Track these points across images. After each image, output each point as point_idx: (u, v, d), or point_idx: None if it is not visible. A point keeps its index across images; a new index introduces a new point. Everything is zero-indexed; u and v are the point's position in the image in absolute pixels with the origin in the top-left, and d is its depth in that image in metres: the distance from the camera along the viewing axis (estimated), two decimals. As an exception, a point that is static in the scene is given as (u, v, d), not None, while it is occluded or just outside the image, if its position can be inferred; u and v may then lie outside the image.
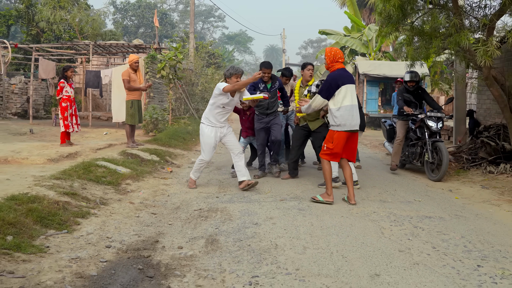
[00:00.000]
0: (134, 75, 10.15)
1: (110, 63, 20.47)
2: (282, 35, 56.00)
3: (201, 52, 26.39)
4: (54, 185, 5.99)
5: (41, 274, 3.68)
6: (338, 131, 6.22)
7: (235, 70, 7.28)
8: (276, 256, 4.23)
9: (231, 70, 7.27)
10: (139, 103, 10.31)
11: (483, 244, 4.70)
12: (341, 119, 6.18)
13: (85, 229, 4.90)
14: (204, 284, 3.62)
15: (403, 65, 10.38)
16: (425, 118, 8.56)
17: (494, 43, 6.71)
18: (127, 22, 51.29)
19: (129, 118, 10.21)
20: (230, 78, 7.20)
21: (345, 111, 6.18)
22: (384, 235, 4.91)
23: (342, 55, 6.50)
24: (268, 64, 8.08)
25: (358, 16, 23.86)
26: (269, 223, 5.33)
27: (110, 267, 3.95)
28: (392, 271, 3.90)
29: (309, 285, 3.60)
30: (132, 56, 10.26)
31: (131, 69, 10.12)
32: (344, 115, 6.18)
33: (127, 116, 10.24)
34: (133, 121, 10.19)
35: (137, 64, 10.22)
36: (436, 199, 6.78)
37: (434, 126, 8.46)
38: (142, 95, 11.10)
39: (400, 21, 8.39)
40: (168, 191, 7.09)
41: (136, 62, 10.18)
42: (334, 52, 6.39)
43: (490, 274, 3.88)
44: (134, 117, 10.17)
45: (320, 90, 6.37)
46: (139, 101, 10.35)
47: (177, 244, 4.60)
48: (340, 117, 6.18)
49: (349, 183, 6.38)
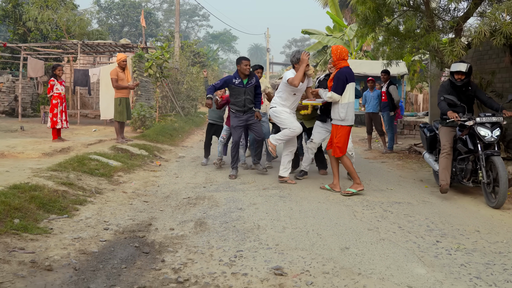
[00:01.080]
0: (122, 73, 10.53)
1: (97, 62, 20.79)
2: (266, 34, 56.49)
3: (186, 51, 26.79)
4: (51, 176, 6.42)
5: (48, 250, 4.13)
6: (342, 125, 6.74)
7: (299, 52, 7.15)
8: (258, 235, 4.74)
9: (297, 55, 7.11)
10: (127, 100, 10.70)
11: (444, 224, 5.25)
12: (346, 114, 6.71)
13: (83, 214, 5.35)
14: (194, 258, 4.10)
15: (383, 64, 10.81)
16: (475, 126, 6.45)
17: (460, 44, 7.27)
18: (112, 21, 51.37)
19: (117, 115, 10.61)
20: (298, 63, 7.10)
21: (349, 107, 6.73)
22: (356, 217, 5.44)
23: (347, 52, 6.97)
24: (245, 57, 7.92)
25: (340, 16, 24.45)
26: (252, 208, 5.84)
27: (109, 245, 4.42)
28: (360, 245, 4.43)
29: (286, 256, 4.11)
30: (120, 55, 10.64)
31: (119, 68, 10.50)
32: (349, 111, 6.73)
33: (115, 113, 10.63)
34: (122, 118, 10.58)
35: (125, 63, 10.60)
36: (407, 187, 7.34)
37: (487, 136, 6.35)
38: (130, 93, 11.49)
39: (376, 22, 8.92)
40: (158, 182, 7.54)
41: (124, 61, 10.56)
42: (340, 50, 6.81)
43: (447, 248, 4.42)
44: (122, 114, 10.56)
45: (335, 88, 6.69)
46: (127, 98, 10.74)
47: (168, 226, 5.07)
48: (346, 113, 6.70)
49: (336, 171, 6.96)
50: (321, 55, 24.39)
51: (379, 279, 3.63)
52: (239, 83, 7.75)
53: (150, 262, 4.00)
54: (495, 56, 9.95)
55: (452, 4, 8.25)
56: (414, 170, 8.96)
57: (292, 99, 7.35)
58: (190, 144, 13.30)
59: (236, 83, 7.76)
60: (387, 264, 3.96)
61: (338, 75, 6.69)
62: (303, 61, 7.05)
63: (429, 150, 7.61)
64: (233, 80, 7.77)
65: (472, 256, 4.19)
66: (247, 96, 7.82)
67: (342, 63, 6.77)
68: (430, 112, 12.85)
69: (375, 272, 3.77)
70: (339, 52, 6.77)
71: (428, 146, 7.59)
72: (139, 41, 33.82)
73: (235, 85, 7.76)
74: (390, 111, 11.43)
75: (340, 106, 6.70)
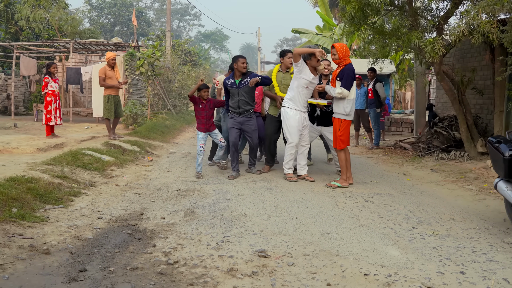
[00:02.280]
0: (110, 72, 10.74)
1: (88, 61, 20.95)
2: (258, 33, 56.71)
3: (177, 50, 26.97)
4: (46, 169, 6.65)
5: (45, 236, 4.38)
6: (345, 119, 6.99)
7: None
8: (244, 222, 5.01)
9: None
10: (116, 98, 10.86)
11: (422, 213, 5.54)
12: (350, 109, 6.99)
13: (78, 204, 5.60)
14: (184, 243, 4.36)
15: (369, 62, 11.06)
16: None
17: (440, 42, 7.56)
18: (103, 20, 51.40)
19: (105, 112, 10.84)
20: (310, 59, 7.17)
21: (352, 102, 7.03)
22: (339, 207, 5.73)
23: (349, 49, 7.24)
24: (241, 55, 7.77)
25: (329, 16, 24.75)
26: (240, 198, 6.11)
27: (103, 232, 4.67)
28: (340, 231, 4.72)
29: (270, 241, 4.39)
30: (109, 54, 10.87)
31: (108, 66, 10.73)
32: (352, 106, 7.03)
33: (104, 111, 10.88)
34: (110, 115, 10.78)
35: (113, 61, 10.80)
36: (390, 180, 7.63)
37: None
38: (120, 91, 11.69)
39: (361, 21, 9.20)
40: (150, 176, 7.78)
41: (113, 59, 10.76)
42: (345, 47, 7.01)
43: (421, 233, 4.71)
44: (110, 111, 10.76)
45: (345, 84, 6.83)
46: (116, 96, 10.89)
47: (160, 215, 5.33)
48: (350, 108, 6.98)
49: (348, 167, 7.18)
50: (311, 54, 24.66)
51: (355, 260, 3.91)
52: (231, 84, 7.59)
53: (142, 246, 4.26)
54: (476, 54, 10.29)
55: (433, 5, 8.58)
56: (398, 164, 9.27)
57: (305, 93, 7.28)
58: (181, 141, 13.54)
59: (229, 84, 7.61)
60: (364, 247, 4.24)
61: (346, 72, 6.85)
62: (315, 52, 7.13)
63: (507, 175, 4.88)
64: (227, 82, 7.64)
65: (445, 241, 4.48)
66: (241, 97, 7.54)
67: (346, 59, 6.97)
68: (416, 109, 13.17)
69: (352, 254, 4.05)
70: (344, 49, 6.94)
71: (507, 171, 4.84)
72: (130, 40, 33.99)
73: (228, 86, 7.63)
74: (376, 108, 11.72)
75: (346, 101, 6.94)
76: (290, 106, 7.31)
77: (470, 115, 9.25)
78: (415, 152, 10.23)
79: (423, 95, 13.25)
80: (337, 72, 6.97)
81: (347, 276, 3.59)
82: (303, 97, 7.29)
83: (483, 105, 10.17)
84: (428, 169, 8.55)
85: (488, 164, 7.93)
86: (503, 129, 8.88)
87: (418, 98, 13.13)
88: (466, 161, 8.75)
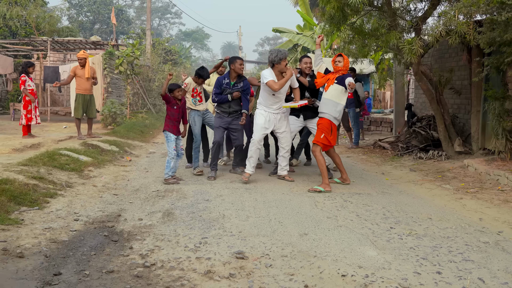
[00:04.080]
0: (80, 70, 10.67)
1: (67, 59, 20.71)
2: (239, 32, 56.65)
3: (158, 49, 26.79)
4: (22, 170, 6.53)
5: (19, 239, 4.30)
6: (334, 123, 7.03)
7: (282, 54, 6.96)
8: (223, 223, 4.98)
9: (279, 55, 6.98)
10: (85, 97, 10.74)
11: (400, 212, 5.58)
12: (339, 114, 7.06)
13: (54, 206, 5.51)
14: (161, 245, 4.32)
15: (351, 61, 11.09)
16: None
17: (418, 43, 7.62)
18: (82, 18, 50.79)
19: (74, 111, 10.89)
20: (280, 63, 7.01)
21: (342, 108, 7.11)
22: (317, 207, 5.74)
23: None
24: (239, 57, 7.72)
25: (310, 15, 24.78)
26: (218, 199, 6.08)
27: (79, 234, 4.60)
28: (318, 231, 4.72)
29: (248, 242, 4.37)
30: (80, 53, 10.81)
31: (79, 65, 10.67)
32: (341, 112, 7.12)
33: (73, 109, 10.92)
34: (77, 113, 10.74)
35: (83, 60, 10.72)
36: (369, 180, 7.67)
37: None
38: (97, 90, 11.60)
39: (341, 21, 9.23)
40: (128, 177, 7.71)
41: (81, 58, 10.70)
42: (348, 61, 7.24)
43: (399, 233, 4.74)
44: (77, 110, 10.70)
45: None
46: (86, 95, 10.76)
47: (137, 217, 5.27)
48: (339, 113, 7.05)
49: (341, 167, 7.30)
50: (292, 53, 24.69)
51: (332, 261, 3.91)
52: (226, 84, 7.53)
53: (119, 249, 4.21)
54: (454, 55, 10.39)
55: (412, 5, 8.65)
56: (377, 164, 9.33)
57: (271, 99, 7.26)
58: (161, 140, 13.43)
59: (224, 84, 7.55)
60: (342, 247, 4.25)
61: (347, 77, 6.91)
62: (288, 73, 7.10)
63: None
64: (223, 81, 7.56)
65: (422, 240, 4.51)
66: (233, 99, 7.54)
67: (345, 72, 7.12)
68: (395, 109, 13.28)
69: (330, 255, 4.05)
70: (347, 62, 7.16)
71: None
72: (110, 39, 33.66)
73: (224, 85, 7.56)
74: (356, 108, 11.79)
75: (340, 106, 7.01)
76: (259, 108, 7.37)
77: (448, 115, 9.36)
78: (394, 152, 10.31)
79: (402, 94, 13.36)
80: (335, 76, 7.06)
81: (324, 277, 3.59)
82: (269, 101, 7.25)
83: (461, 105, 10.29)
84: (407, 169, 8.62)
85: (465, 163, 8.02)
86: (480, 128, 8.99)
87: (397, 98, 13.24)
88: (444, 161, 8.83)
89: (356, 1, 7.84)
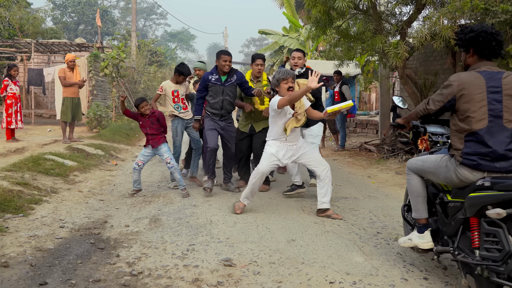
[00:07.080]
0: (70, 73, 10.58)
1: (51, 61, 20.51)
2: (224, 33, 56.62)
3: (143, 50, 26.70)
4: (6, 176, 6.46)
5: (4, 248, 4.24)
6: None
7: (282, 74, 5.48)
8: (210, 229, 4.97)
9: (277, 76, 5.52)
10: (73, 100, 10.66)
11: (386, 217, 5.61)
12: None
13: (39, 213, 5.45)
14: (148, 252, 4.29)
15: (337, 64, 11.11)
16: None
17: (403, 47, 7.69)
18: (67, 19, 50.39)
19: (62, 115, 10.76)
20: (279, 85, 5.50)
21: None
22: (304, 212, 5.75)
23: None
24: (226, 51, 6.63)
25: (295, 17, 24.85)
26: (206, 204, 6.06)
27: (65, 242, 4.55)
28: (305, 237, 4.73)
29: (236, 249, 4.36)
30: (68, 55, 10.73)
31: (68, 68, 10.56)
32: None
33: (61, 113, 10.81)
34: (65, 117, 10.63)
35: (72, 63, 10.64)
36: (355, 183, 7.71)
37: None
38: (83, 93, 11.50)
39: (327, 25, 9.28)
40: (114, 181, 7.65)
41: (71, 61, 10.61)
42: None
43: (386, 238, 4.77)
44: (66, 114, 10.60)
45: None
46: (74, 98, 10.69)
47: (124, 223, 5.23)
48: None
49: None
50: (278, 55, 24.76)
51: (320, 267, 3.92)
52: (216, 80, 6.49)
53: (105, 257, 4.17)
54: (439, 58, 10.49)
55: (397, 9, 8.71)
56: (363, 167, 9.37)
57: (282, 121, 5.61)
58: (147, 143, 13.38)
59: (213, 80, 6.49)
60: (329, 253, 4.26)
61: None
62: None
63: None
64: (209, 77, 6.50)
65: (408, 245, 4.54)
66: (226, 97, 6.54)
67: None
68: (381, 111, 13.35)
69: (318, 261, 4.06)
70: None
71: None
72: (95, 40, 33.43)
73: (211, 82, 6.49)
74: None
75: None
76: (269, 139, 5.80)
77: (433, 117, 9.42)
78: (380, 154, 10.37)
79: (388, 97, 13.44)
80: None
81: (312, 284, 3.60)
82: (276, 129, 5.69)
83: (445, 108, 10.37)
84: (393, 172, 8.67)
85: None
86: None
87: (383, 100, 13.32)
88: (429, 163, 8.90)
89: (342, 5, 7.89)
